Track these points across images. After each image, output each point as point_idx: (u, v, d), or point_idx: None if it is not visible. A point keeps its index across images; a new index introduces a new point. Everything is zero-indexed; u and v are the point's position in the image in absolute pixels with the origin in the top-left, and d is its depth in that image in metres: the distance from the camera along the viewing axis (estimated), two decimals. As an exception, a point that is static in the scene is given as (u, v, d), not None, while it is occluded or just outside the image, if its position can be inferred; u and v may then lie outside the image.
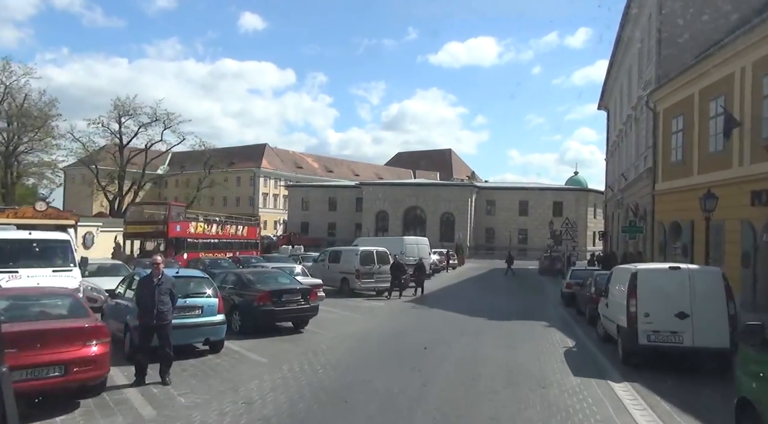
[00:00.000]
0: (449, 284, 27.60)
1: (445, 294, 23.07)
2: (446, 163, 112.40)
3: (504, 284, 29.20)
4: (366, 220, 65.33)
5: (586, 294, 15.06)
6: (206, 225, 31.40)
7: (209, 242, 31.19)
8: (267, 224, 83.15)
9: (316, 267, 22.42)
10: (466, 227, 62.17)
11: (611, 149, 41.93)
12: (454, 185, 64.83)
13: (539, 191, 64.04)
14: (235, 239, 34.59)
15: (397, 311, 16.59)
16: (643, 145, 25.95)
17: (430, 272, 25.95)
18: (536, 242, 61.77)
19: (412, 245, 25.09)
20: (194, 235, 29.42)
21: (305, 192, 71.07)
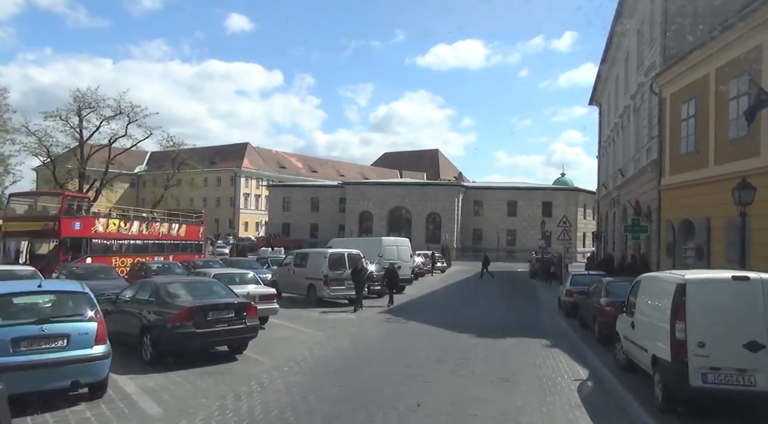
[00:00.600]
0: (433, 290, 24.80)
1: (427, 302, 20.26)
2: (433, 164, 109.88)
3: (494, 289, 26.45)
4: (349, 221, 62.40)
5: (594, 305, 12.30)
6: (123, 223, 26.04)
7: (129, 243, 25.87)
8: (248, 226, 79.92)
9: (280, 272, 19.50)
10: (452, 228, 59.49)
11: (604, 146, 39.45)
12: (440, 185, 62.17)
13: (528, 191, 61.57)
14: (168, 240, 28.99)
15: (366, 326, 13.72)
16: (646, 136, 23.35)
17: (411, 276, 23.12)
18: (525, 243, 59.28)
19: (391, 247, 22.25)
20: (103, 235, 24.02)
21: (287, 192, 67.96)
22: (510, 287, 27.39)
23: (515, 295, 23.51)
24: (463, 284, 29.15)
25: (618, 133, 32.47)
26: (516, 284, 30.04)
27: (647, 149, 22.51)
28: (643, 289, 8.11)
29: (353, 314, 15.69)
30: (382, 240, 22.47)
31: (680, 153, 18.94)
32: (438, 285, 27.71)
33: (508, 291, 25.19)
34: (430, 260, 35.96)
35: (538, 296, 22.85)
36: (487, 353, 10.62)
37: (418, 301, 20.15)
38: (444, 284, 28.98)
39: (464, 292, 24.73)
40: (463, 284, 29.51)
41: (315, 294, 17.33)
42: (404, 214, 61.68)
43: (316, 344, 11.06)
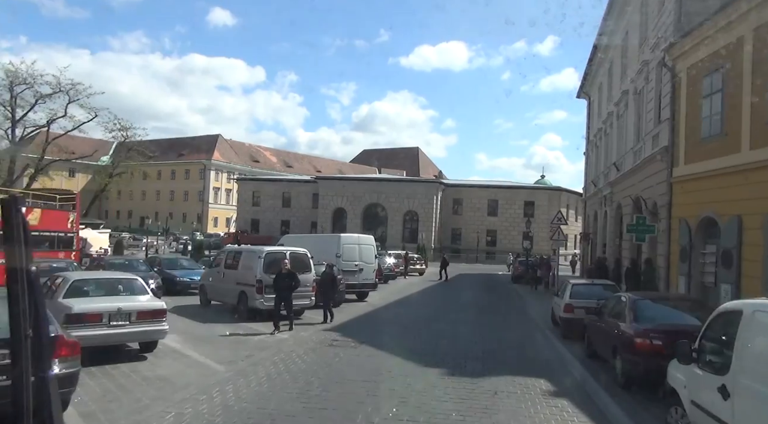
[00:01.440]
0: (402, 297, 21.03)
1: (391, 314, 16.50)
2: (413, 162, 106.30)
3: (472, 296, 22.77)
4: (322, 218, 58.37)
5: (613, 331, 8.59)
6: None
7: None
8: (218, 221, 75.24)
9: (209, 275, 15.50)
10: (430, 227, 55.84)
11: (593, 141, 36.14)
12: (418, 182, 58.51)
13: (509, 190, 58.25)
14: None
15: (296, 356, 9.61)
16: (651, 121, 19.89)
17: (375, 280, 19.26)
18: (505, 245, 55.94)
19: (351, 246, 18.27)
20: None
21: (257, 186, 63.60)
22: (491, 294, 23.74)
23: (498, 305, 19.86)
24: (437, 290, 25.43)
25: (611, 124, 29.09)
26: (497, 291, 26.41)
27: (653, 136, 19.02)
28: (760, 329, 4.30)
29: (287, 334, 11.76)
30: (341, 237, 18.48)
31: (701, 137, 15.45)
32: (409, 290, 23.93)
33: (488, 299, 21.53)
34: (404, 261, 32.15)
35: (526, 307, 19.21)
36: (462, 410, 6.79)
37: (379, 313, 16.35)
38: (416, 288, 25.22)
39: (438, 300, 21.01)
40: (437, 289, 25.79)
41: (246, 304, 13.37)
42: (380, 211, 57.89)
43: (204, 393, 7.11)
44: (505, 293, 25.11)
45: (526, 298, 22.17)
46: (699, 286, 15.32)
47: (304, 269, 13.08)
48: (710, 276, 14.90)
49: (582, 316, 11.91)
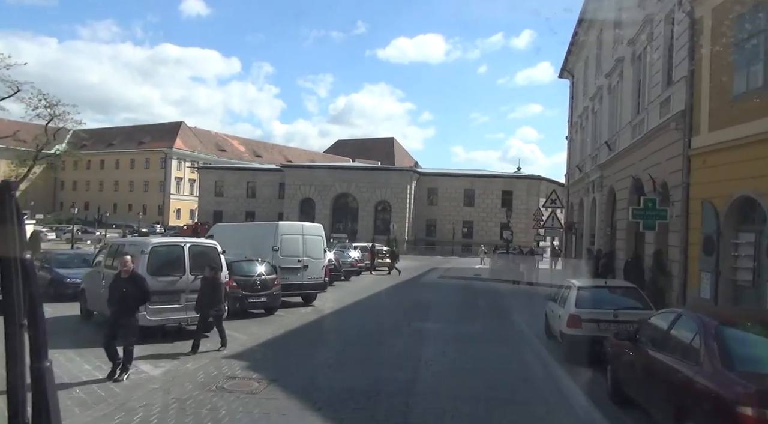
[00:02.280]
0: (357, 299, 17.25)
1: (333, 326, 12.74)
2: (389, 153, 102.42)
3: (443, 297, 19.11)
4: (288, 209, 54.19)
5: (673, 378, 4.86)
6: None
7: None
8: (181, 213, 70.35)
9: (89, 277, 11.45)
10: (404, 218, 52.16)
11: (578, 121, 32.79)
12: (390, 170, 54.80)
13: (487, 179, 54.89)
14: None
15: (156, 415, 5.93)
16: (659, 86, 16.43)
17: (324, 280, 15.29)
18: (482, 236, 52.62)
19: (292, 237, 14.22)
20: None
21: (219, 175, 59.03)
22: (466, 294, 20.10)
23: (474, 310, 16.23)
24: (402, 289, 21.70)
25: (600, 100, 25.67)
26: (473, 289, 22.81)
27: (662, 102, 15.52)
28: None
29: (187, 357, 7.82)
30: (279, 226, 14.39)
31: (731, 96, 11.99)
32: (371, 289, 20.16)
33: (463, 301, 17.86)
34: (370, 255, 28.34)
35: (510, 313, 15.55)
36: None
37: (321, 324, 12.55)
38: (381, 287, 21.47)
39: (400, 303, 17.26)
40: (403, 288, 22.07)
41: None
42: (350, 202, 53.97)
43: None
44: (483, 292, 21.52)
45: (508, 298, 18.60)
46: (730, 284, 11.89)
47: (212, 269, 9.19)
48: (746, 273, 11.49)
49: (594, 332, 8.28)
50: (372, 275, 27.97)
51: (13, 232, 1.22)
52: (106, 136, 77.43)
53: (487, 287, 23.54)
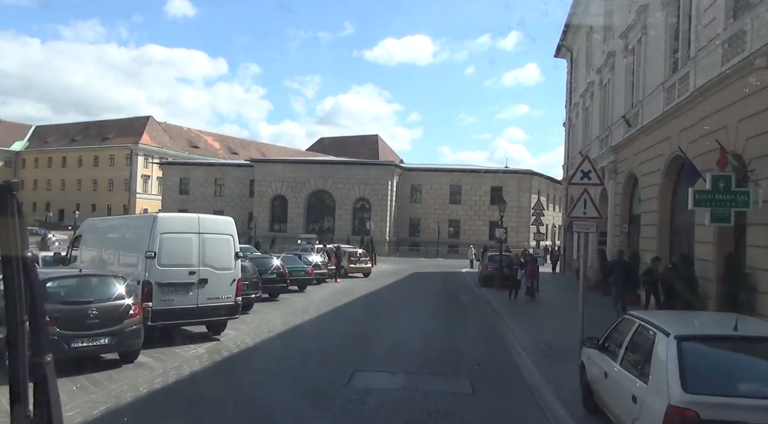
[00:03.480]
0: (295, 324, 12.07)
1: (218, 398, 7.45)
2: (373, 151, 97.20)
3: (420, 318, 14.00)
4: (258, 207, 48.92)
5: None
6: None
7: None
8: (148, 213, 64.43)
9: None
10: (385, 216, 47.09)
11: (579, 103, 27.99)
12: (370, 164, 49.64)
13: (474, 175, 49.97)
14: None
15: None
16: (717, 22, 11.46)
17: (235, 301, 10.02)
18: (470, 236, 47.74)
19: (180, 238, 9.06)
20: None
21: (185, 171, 53.51)
22: (450, 311, 15.07)
23: (462, 339, 11.13)
24: (364, 306, 16.57)
25: (613, 67, 20.83)
26: (460, 302, 17.84)
27: (729, 39, 10.54)
28: None
29: None
30: (158, 220, 9.05)
31: None
32: (317, 309, 14.97)
33: (446, 323, 12.79)
34: (334, 259, 23.20)
35: (509, 342, 10.46)
36: None
37: (196, 385, 7.29)
38: (338, 302, 16.31)
39: (360, 330, 12.14)
40: (365, 304, 16.95)
41: None
42: (327, 199, 48.77)
43: None
44: (472, 305, 16.49)
45: (505, 317, 13.57)
46: None
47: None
48: None
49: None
50: (338, 282, 22.84)
51: (15, 230, 1.24)
52: (70, 131, 71.55)
53: (476, 298, 18.53)
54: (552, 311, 15.27)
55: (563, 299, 18.78)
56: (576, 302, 17.62)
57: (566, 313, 14.84)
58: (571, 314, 14.53)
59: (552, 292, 19.95)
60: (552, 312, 14.93)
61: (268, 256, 16.99)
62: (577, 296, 17.54)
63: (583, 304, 8.96)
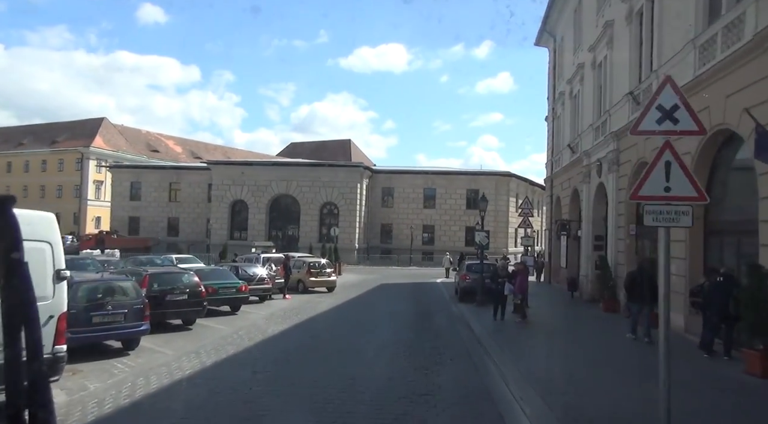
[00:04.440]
0: (184, 375, 7.92)
1: None
2: (346, 156, 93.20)
3: (373, 354, 9.95)
4: (216, 213, 44.34)
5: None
6: None
7: None
8: (101, 221, 59.05)
9: None
10: (353, 222, 43.07)
11: (565, 90, 24.58)
12: (337, 166, 45.55)
13: (449, 177, 46.40)
14: None
15: None
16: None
17: (50, 353, 6.07)
18: (445, 242, 44.10)
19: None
20: None
21: (135, 175, 48.55)
22: (417, 342, 11.01)
23: (430, 392, 7.08)
24: (304, 332, 12.52)
25: (611, 41, 17.35)
26: (433, 324, 13.95)
27: None
28: None
29: None
30: None
31: None
32: (242, 340, 10.84)
33: (410, 364, 8.73)
34: (282, 271, 19.03)
35: (511, 418, 6.41)
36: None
37: None
38: (261, 333, 12.11)
39: (271, 378, 8.02)
40: (306, 329, 12.90)
41: None
42: (291, 205, 44.50)
43: None
44: (448, 332, 12.53)
45: (493, 352, 9.65)
46: None
47: None
48: None
49: None
50: (287, 299, 18.68)
51: (10, 238, 1.26)
52: (16, 134, 65.63)
53: (452, 319, 14.62)
54: (555, 339, 11.47)
55: (562, 320, 15.01)
56: (577, 322, 13.71)
57: (577, 342, 11.00)
58: (584, 344, 10.72)
59: (544, 309, 16.20)
60: (556, 342, 11.11)
61: (182, 271, 12.77)
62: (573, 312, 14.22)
63: (667, 371, 4.98)
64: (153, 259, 23.36)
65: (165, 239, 45.62)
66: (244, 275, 16.68)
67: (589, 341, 11.45)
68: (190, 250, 41.74)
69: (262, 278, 17.47)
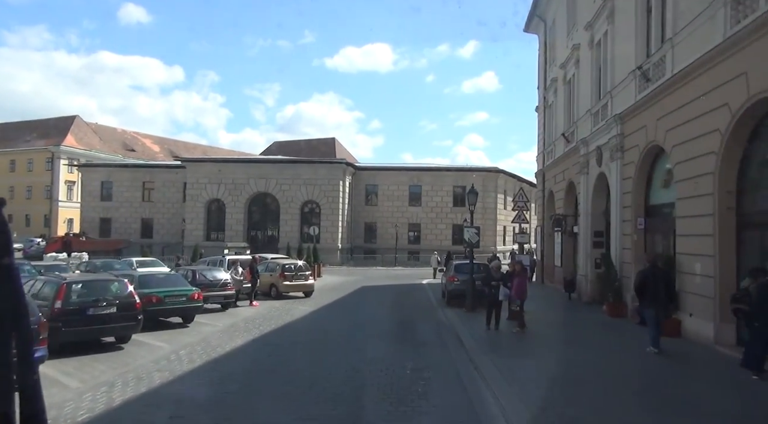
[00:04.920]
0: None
1: None
2: (330, 154, 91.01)
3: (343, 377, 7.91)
4: (191, 213, 41.91)
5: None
6: None
7: None
8: (73, 223, 56.17)
9: None
10: (336, 221, 40.98)
11: (558, 76, 22.76)
12: (318, 163, 43.31)
13: (435, 173, 44.46)
14: None
15: None
16: None
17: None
18: (432, 241, 42.23)
19: None
20: None
21: (106, 174, 45.88)
22: (397, 361, 8.97)
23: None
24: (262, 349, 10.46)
25: (612, 14, 15.50)
26: (416, 334, 12.02)
27: None
28: None
29: None
30: None
31: None
32: (177, 366, 8.73)
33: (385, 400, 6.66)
34: (248, 274, 16.86)
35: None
36: None
37: None
38: (213, 351, 10.01)
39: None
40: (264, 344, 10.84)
41: None
42: (271, 204, 42.24)
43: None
44: (434, 346, 10.53)
45: (489, 375, 7.71)
46: None
47: None
48: None
49: None
50: (254, 305, 16.56)
51: (1, 243, 1.24)
52: None
53: (438, 328, 12.62)
54: (563, 355, 9.45)
55: (565, 328, 13.07)
56: (583, 330, 11.82)
57: (589, 360, 9.02)
58: (598, 362, 8.47)
59: (542, 313, 14.23)
60: (565, 359, 9.06)
61: (110, 279, 10.51)
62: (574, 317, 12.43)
63: None
64: (111, 263, 21.10)
65: (138, 241, 43.10)
66: (203, 280, 14.53)
67: (603, 357, 9.52)
68: (164, 252, 39.37)
69: (224, 283, 15.32)
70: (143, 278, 11.96)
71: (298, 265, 20.90)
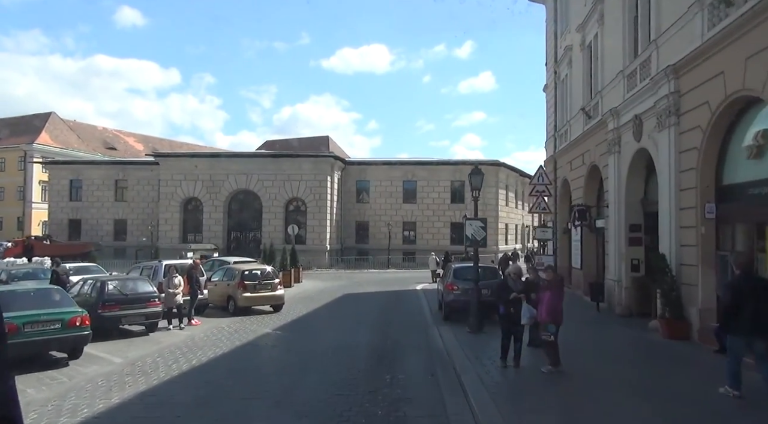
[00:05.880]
0: None
1: None
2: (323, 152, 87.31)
3: None
4: (166, 213, 37.99)
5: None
6: None
7: None
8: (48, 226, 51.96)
9: None
10: (324, 220, 37.06)
11: (573, 44, 18.88)
12: (304, 157, 39.32)
13: (431, 168, 40.52)
14: None
15: None
16: None
17: None
18: (428, 241, 38.34)
19: None
20: None
21: (75, 172, 41.87)
22: (370, 421, 5.02)
23: None
24: (160, 403, 6.40)
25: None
26: (397, 370, 8.17)
27: None
28: None
29: None
30: None
31: None
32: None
33: None
34: (185, 284, 12.86)
35: None
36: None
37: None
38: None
39: None
40: (176, 392, 6.81)
41: None
42: (253, 202, 38.29)
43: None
44: (425, 396, 6.68)
45: None
46: None
47: None
48: None
49: None
50: (193, 324, 12.61)
51: None
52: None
53: (432, 360, 8.71)
54: (632, 411, 5.53)
55: (614, 357, 9.08)
56: (643, 366, 7.48)
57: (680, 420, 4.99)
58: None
59: (572, 334, 9.99)
60: (637, 419, 5.14)
61: None
62: (619, 340, 8.93)
63: None
64: (35, 272, 17.10)
65: (111, 244, 39.10)
66: (115, 295, 10.57)
67: (693, 411, 5.59)
68: (138, 256, 35.53)
69: (149, 297, 11.37)
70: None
71: (265, 271, 16.80)
